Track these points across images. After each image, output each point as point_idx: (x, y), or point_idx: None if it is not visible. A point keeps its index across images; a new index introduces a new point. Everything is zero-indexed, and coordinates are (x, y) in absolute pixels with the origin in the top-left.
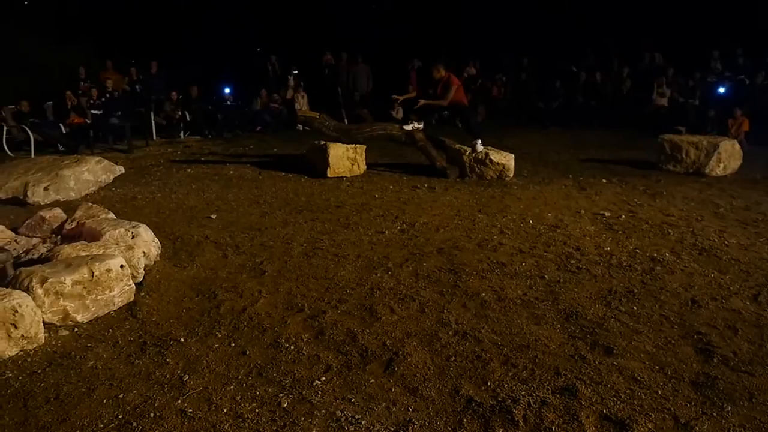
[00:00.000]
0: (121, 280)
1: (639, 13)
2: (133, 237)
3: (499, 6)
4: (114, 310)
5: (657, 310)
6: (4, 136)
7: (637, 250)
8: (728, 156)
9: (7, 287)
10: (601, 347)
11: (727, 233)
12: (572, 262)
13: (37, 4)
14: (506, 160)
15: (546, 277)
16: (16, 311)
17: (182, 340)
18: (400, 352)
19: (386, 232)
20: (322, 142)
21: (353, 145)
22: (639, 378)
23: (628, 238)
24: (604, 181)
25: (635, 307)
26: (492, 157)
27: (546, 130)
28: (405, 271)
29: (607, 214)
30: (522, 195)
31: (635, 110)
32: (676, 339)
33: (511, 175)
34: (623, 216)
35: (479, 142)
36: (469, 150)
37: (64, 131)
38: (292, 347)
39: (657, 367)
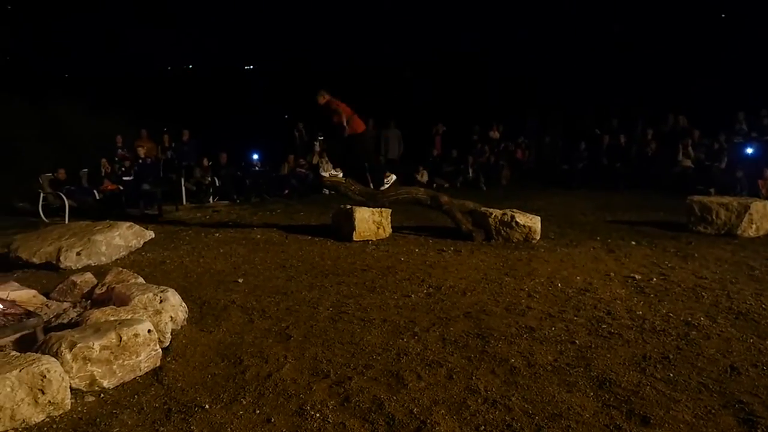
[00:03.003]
0: (148, 345)
1: (662, 77)
2: (161, 301)
3: (521, 70)
4: (140, 376)
5: (695, 377)
6: (41, 203)
7: (671, 314)
8: (760, 217)
9: (36, 352)
10: (638, 417)
11: (764, 296)
12: (603, 326)
13: (77, 76)
14: (532, 222)
15: (577, 342)
16: (44, 377)
17: (207, 406)
18: (428, 421)
19: (412, 295)
20: (348, 206)
21: (378, 208)
22: None
23: (661, 301)
24: (633, 243)
25: (671, 374)
26: (518, 220)
27: (571, 192)
28: (432, 336)
29: (637, 276)
30: (549, 258)
31: (661, 172)
32: (717, 408)
33: (538, 238)
34: (654, 279)
35: (392, 177)
36: (495, 213)
37: (97, 197)
38: (318, 415)
39: None
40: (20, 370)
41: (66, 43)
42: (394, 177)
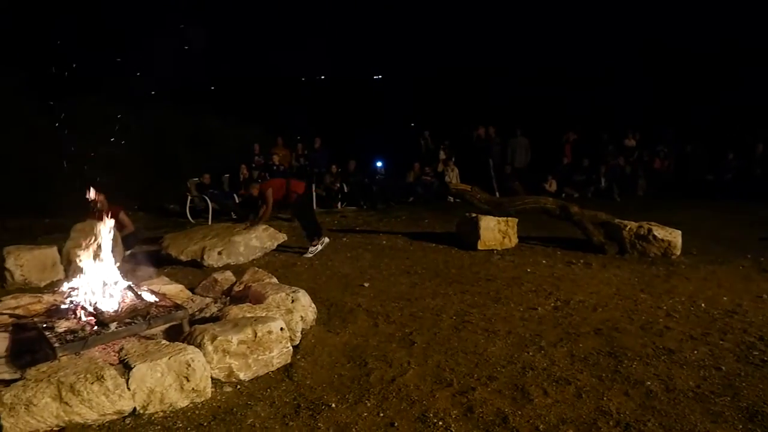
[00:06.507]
0: (280, 342)
1: None
2: (292, 301)
3: (660, 75)
4: (272, 371)
5: None
6: (188, 205)
7: None
8: None
9: (182, 342)
10: None
11: None
12: (755, 353)
13: (221, 90)
14: (672, 236)
15: (723, 368)
16: (189, 365)
17: (333, 405)
18: None
19: (539, 308)
20: (473, 215)
21: (504, 217)
22: None
23: None
24: None
25: None
26: (656, 233)
27: (717, 205)
28: (559, 352)
29: None
30: (691, 275)
31: None
32: None
33: (678, 253)
34: None
35: (318, 247)
36: (629, 225)
37: (237, 201)
38: (440, 423)
39: None
40: (169, 358)
41: (213, 58)
42: (326, 240)
